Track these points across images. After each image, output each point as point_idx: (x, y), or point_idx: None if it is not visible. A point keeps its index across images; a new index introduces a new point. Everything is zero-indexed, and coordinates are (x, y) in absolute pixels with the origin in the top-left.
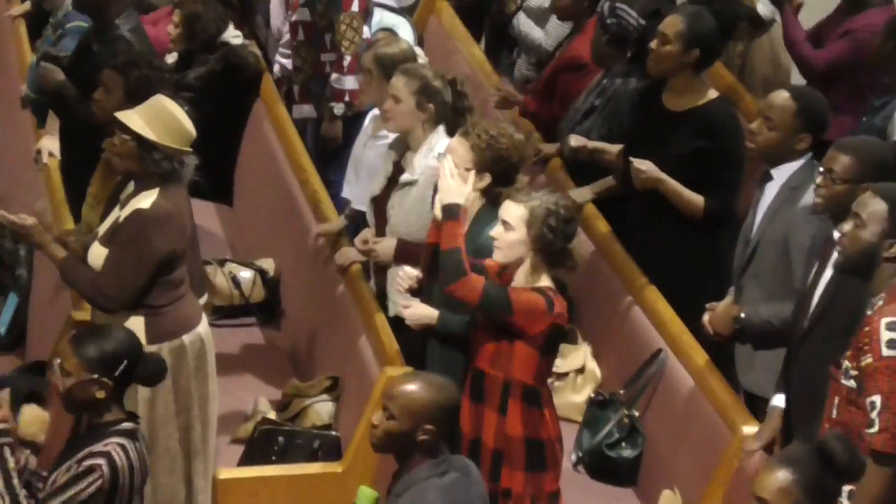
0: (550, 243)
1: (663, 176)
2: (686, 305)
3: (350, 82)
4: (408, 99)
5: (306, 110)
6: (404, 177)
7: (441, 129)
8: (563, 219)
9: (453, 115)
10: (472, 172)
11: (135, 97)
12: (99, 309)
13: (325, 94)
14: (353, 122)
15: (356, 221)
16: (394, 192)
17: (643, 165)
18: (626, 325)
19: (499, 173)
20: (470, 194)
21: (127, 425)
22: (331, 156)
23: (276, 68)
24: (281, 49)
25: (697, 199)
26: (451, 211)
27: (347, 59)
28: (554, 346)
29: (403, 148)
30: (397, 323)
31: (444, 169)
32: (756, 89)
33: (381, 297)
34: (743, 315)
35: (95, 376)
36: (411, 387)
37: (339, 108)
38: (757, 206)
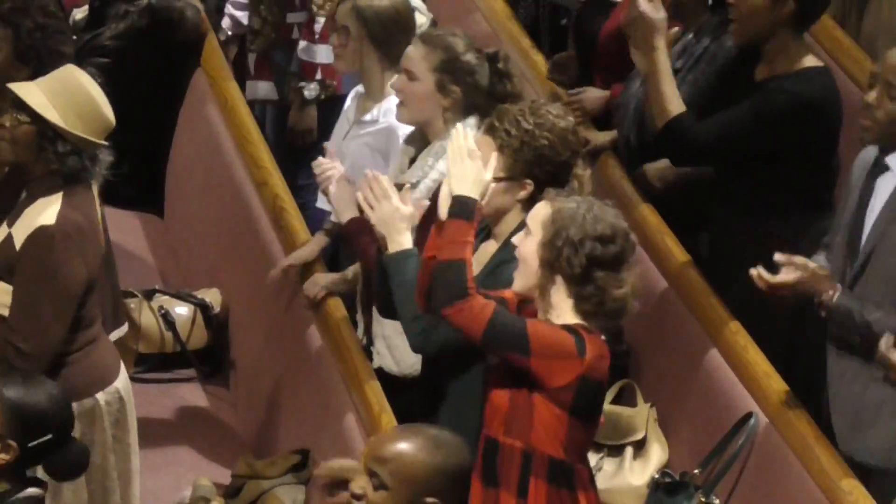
0: (568, 264)
1: (662, 52)
2: (781, 352)
3: (323, 53)
4: (426, 77)
5: (264, 89)
6: (402, 176)
7: (471, 121)
8: (595, 235)
9: (490, 104)
10: (494, 155)
11: (27, 57)
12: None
13: (290, 68)
14: (327, 107)
15: (338, 241)
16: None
17: (657, 12)
18: (703, 380)
19: (543, 177)
20: (488, 186)
21: (32, 492)
22: (299, 154)
23: (226, 23)
24: None
25: (676, 106)
26: (461, 206)
27: (320, 23)
28: (589, 408)
29: (424, 143)
30: (386, 378)
31: (458, 145)
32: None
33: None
34: (836, 299)
35: (2, 433)
36: (406, 445)
37: (311, 90)
38: (865, 206)
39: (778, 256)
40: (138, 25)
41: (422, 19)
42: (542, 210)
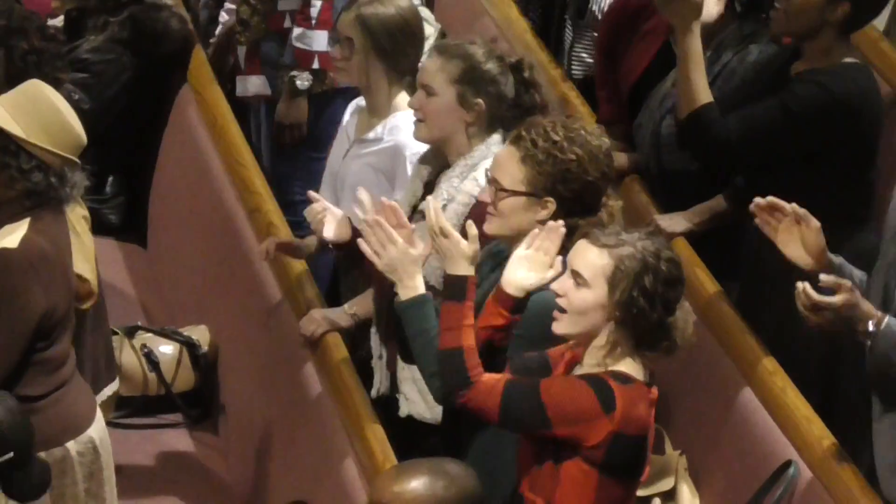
0: (643, 315)
1: (697, 37)
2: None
3: (321, 40)
4: (445, 90)
5: (255, 85)
6: (429, 198)
7: (496, 137)
8: (665, 279)
9: (516, 117)
10: (471, 226)
11: (20, 81)
12: None
13: (282, 60)
14: (322, 102)
15: (341, 271)
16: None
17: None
18: (738, 425)
19: (569, 198)
20: (476, 254)
21: None
22: (291, 158)
23: (224, 18)
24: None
25: (704, 96)
26: (451, 287)
27: (317, 7)
28: (625, 464)
29: (440, 162)
30: (411, 425)
31: (429, 224)
32: None
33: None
34: (885, 324)
35: None
36: (405, 484)
37: (303, 80)
38: None
39: (824, 277)
40: (119, 37)
41: (429, 30)
42: (595, 257)
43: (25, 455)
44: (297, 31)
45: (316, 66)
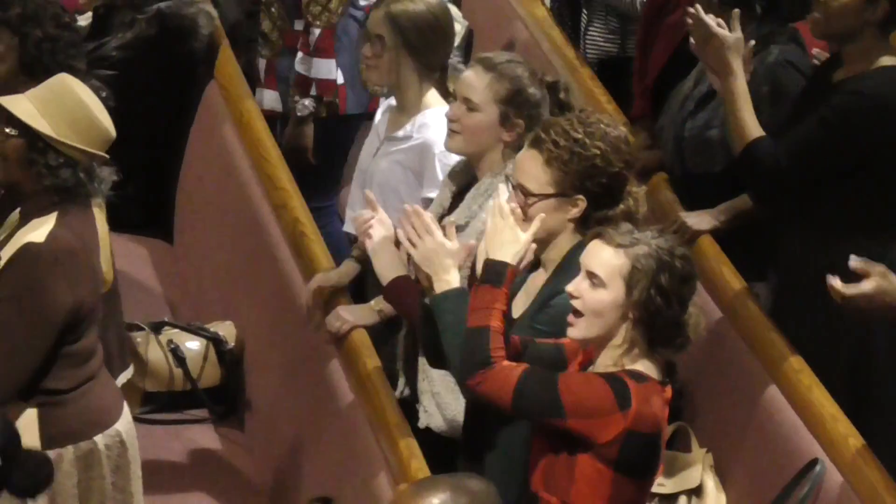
0: (658, 312)
1: (740, 75)
2: (859, 393)
3: (320, 68)
4: (489, 108)
5: (269, 99)
6: (450, 217)
7: None
8: (680, 276)
9: None
10: (538, 218)
11: (35, 69)
12: None
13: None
14: (329, 128)
15: (368, 266)
16: None
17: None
18: (764, 423)
19: (596, 192)
20: (526, 248)
21: None
22: (309, 174)
23: None
24: None
25: (754, 131)
26: (491, 271)
27: (316, 34)
28: (639, 463)
29: (469, 177)
30: (430, 437)
31: (499, 201)
32: None
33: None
34: None
35: None
36: (432, 502)
37: (303, 107)
38: None
39: (854, 263)
40: (147, 34)
41: (457, 27)
42: (611, 256)
43: (11, 453)
44: (298, 55)
45: (314, 93)
